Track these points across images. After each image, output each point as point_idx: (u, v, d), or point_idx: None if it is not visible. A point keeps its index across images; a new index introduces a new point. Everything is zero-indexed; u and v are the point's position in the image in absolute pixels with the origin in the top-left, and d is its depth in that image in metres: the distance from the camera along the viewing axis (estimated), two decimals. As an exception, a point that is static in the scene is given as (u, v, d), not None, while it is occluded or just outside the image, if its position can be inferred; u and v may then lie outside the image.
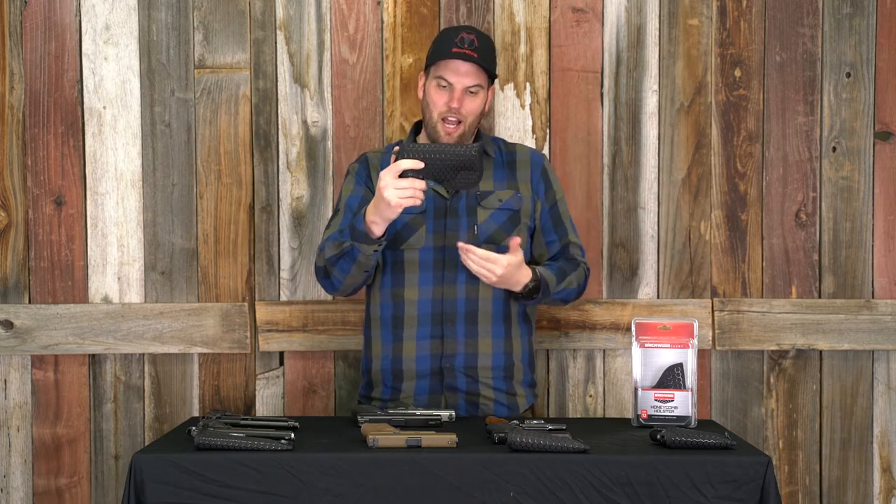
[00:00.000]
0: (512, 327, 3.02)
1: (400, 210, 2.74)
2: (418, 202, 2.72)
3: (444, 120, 2.93)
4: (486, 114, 3.04)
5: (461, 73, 2.92)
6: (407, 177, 2.71)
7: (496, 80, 3.05)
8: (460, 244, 2.83)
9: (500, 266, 2.81)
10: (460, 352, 2.97)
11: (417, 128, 3.08)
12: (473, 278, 2.94)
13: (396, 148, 2.73)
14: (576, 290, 3.02)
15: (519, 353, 3.04)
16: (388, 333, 3.00)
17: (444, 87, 2.93)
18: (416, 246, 2.97)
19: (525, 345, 3.06)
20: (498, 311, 3.00)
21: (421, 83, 3.00)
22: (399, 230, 2.94)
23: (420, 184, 2.71)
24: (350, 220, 2.94)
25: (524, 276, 2.87)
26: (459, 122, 2.93)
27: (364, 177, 3.04)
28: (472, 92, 2.93)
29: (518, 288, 2.89)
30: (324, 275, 2.94)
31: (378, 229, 2.79)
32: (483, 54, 2.93)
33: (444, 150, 2.72)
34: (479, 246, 2.91)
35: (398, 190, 2.70)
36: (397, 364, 2.99)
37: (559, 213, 3.07)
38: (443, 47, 2.94)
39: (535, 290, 2.90)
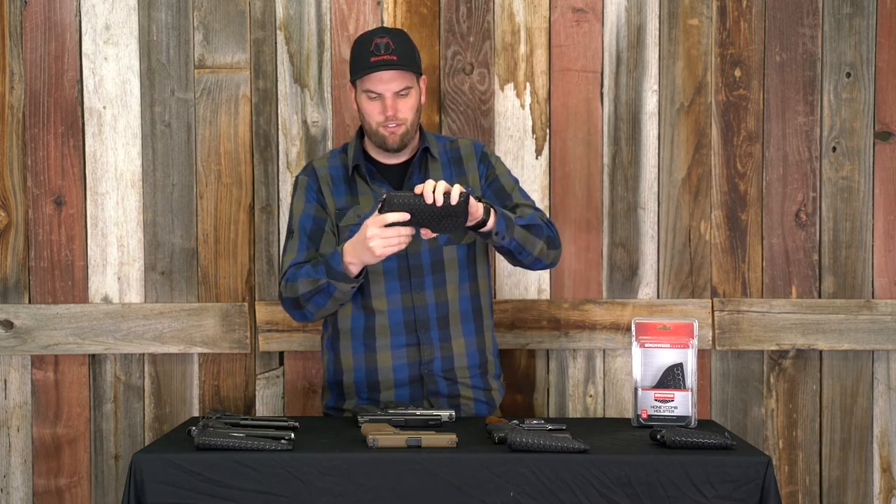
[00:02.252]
0: (483, 321, 3.03)
1: (383, 258, 2.75)
2: (403, 246, 2.72)
3: (384, 126, 2.92)
4: (424, 106, 2.95)
5: (386, 81, 2.89)
6: (393, 226, 2.70)
7: (423, 75, 3.00)
8: (417, 187, 2.70)
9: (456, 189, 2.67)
10: (437, 356, 2.98)
11: (362, 132, 3.04)
12: (440, 282, 2.96)
13: (384, 196, 2.69)
14: (539, 220, 2.89)
15: (490, 347, 3.06)
16: (359, 345, 2.99)
17: (375, 97, 2.91)
18: None
19: (493, 337, 3.08)
20: (467, 308, 3.00)
21: (352, 95, 2.98)
22: None
23: (406, 230, 2.71)
24: (306, 245, 2.94)
25: (476, 206, 2.73)
26: (399, 124, 2.92)
27: (315, 191, 3.01)
28: (402, 95, 2.91)
29: (478, 214, 2.73)
30: (293, 306, 2.92)
31: (355, 269, 2.81)
32: (403, 56, 2.90)
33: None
34: (440, 247, 2.95)
35: (384, 240, 2.69)
36: (372, 375, 2.98)
37: (501, 185, 3.01)
38: (361, 60, 2.91)
39: (488, 213, 2.74)
